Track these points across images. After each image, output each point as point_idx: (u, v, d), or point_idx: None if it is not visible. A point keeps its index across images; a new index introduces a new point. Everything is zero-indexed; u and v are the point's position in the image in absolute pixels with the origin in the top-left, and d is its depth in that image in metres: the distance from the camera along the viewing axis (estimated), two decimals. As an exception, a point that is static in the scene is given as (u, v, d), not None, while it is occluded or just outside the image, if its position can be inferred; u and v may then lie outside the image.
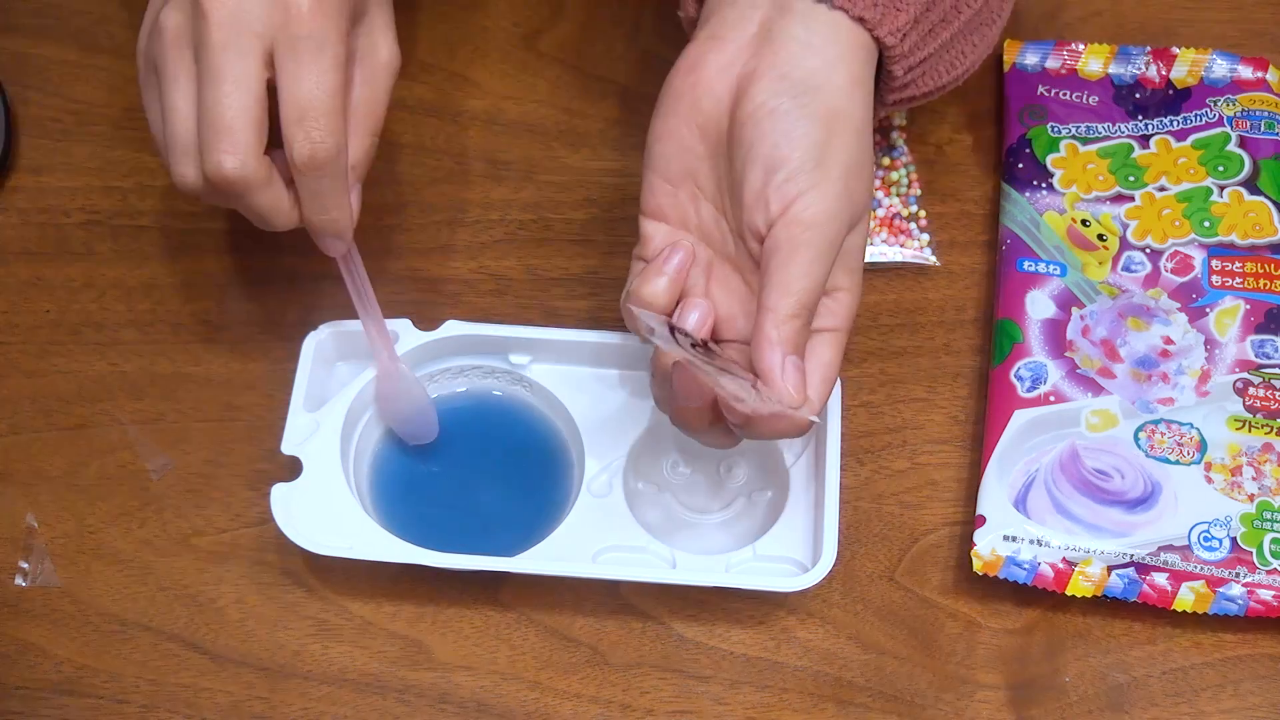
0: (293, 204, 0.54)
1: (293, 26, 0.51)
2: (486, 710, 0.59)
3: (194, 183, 0.53)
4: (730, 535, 0.61)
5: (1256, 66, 0.70)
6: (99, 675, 0.59)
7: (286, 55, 0.51)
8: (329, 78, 0.52)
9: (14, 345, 0.66)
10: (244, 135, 0.51)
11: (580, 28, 0.74)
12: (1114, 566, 0.59)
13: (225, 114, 0.51)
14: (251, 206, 0.53)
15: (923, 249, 0.68)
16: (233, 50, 0.51)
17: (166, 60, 0.52)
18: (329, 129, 0.52)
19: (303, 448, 0.59)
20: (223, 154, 0.51)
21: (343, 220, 0.55)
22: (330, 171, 0.53)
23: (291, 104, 0.52)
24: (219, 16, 0.51)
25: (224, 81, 0.51)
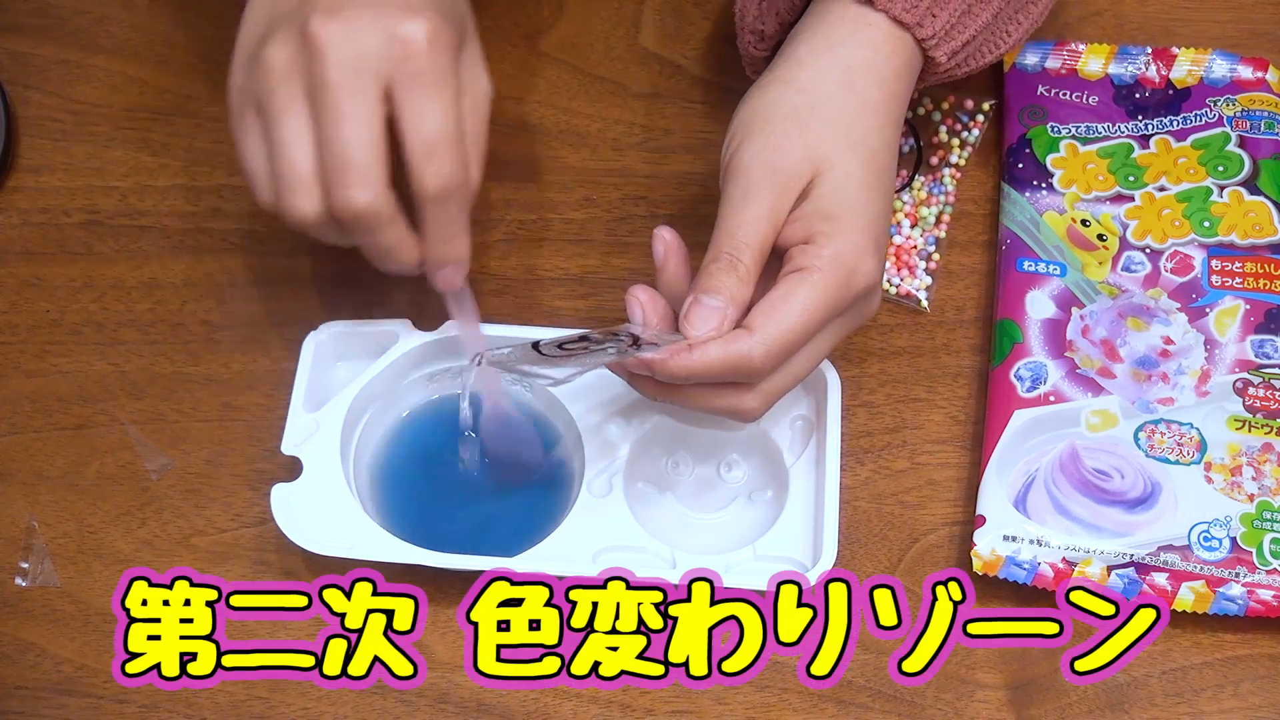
0: (413, 240, 0.54)
1: (411, 63, 0.51)
2: (486, 710, 0.59)
3: (312, 216, 0.52)
4: (730, 535, 0.61)
5: (1256, 66, 0.70)
6: (99, 675, 0.59)
7: (408, 91, 0.51)
8: (451, 111, 0.52)
9: (14, 345, 0.66)
10: (375, 170, 0.51)
11: (580, 28, 0.74)
12: (1114, 566, 0.59)
13: (354, 150, 0.51)
14: (379, 241, 0.54)
15: (919, 290, 0.67)
16: (354, 86, 0.51)
17: (274, 96, 0.52)
18: (456, 161, 0.53)
19: (303, 448, 0.59)
20: (355, 189, 0.51)
21: (465, 251, 0.56)
22: (458, 204, 0.54)
23: (418, 138, 0.52)
24: (337, 55, 0.50)
25: (348, 118, 0.51)
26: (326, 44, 0.50)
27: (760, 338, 0.52)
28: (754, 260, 0.53)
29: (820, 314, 0.53)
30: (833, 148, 0.55)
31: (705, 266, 0.54)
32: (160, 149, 0.70)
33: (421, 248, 0.55)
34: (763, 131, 0.55)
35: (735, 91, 0.71)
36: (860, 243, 0.54)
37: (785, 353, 0.53)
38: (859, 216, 0.54)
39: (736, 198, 0.54)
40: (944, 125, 0.70)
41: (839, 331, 0.56)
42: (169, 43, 0.72)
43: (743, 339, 0.52)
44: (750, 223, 0.54)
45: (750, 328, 0.52)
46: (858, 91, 0.57)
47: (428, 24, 0.51)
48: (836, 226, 0.54)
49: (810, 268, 0.53)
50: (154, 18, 0.73)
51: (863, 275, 0.54)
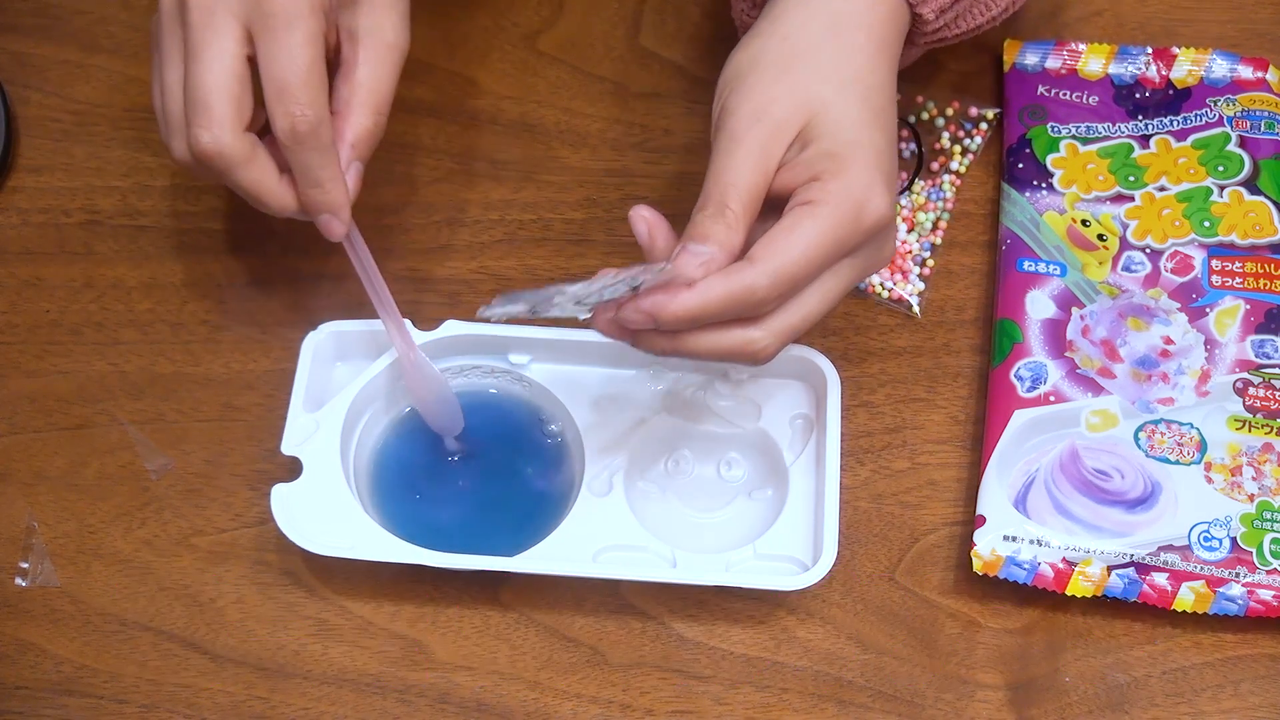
0: (283, 184, 0.55)
1: (264, 4, 0.52)
2: (486, 710, 0.59)
3: (183, 157, 0.55)
4: (730, 534, 0.61)
5: (1256, 66, 0.70)
6: (99, 675, 0.59)
7: (261, 32, 0.53)
8: (302, 52, 0.53)
9: (14, 345, 0.66)
10: (219, 110, 0.52)
11: (580, 28, 0.74)
12: (1114, 566, 0.59)
13: (201, 90, 0.52)
14: (238, 183, 0.55)
15: (911, 295, 0.66)
16: (209, 28, 0.52)
17: (161, 38, 0.54)
18: (307, 102, 0.53)
19: (302, 448, 0.59)
20: (200, 129, 0.53)
21: (336, 197, 0.55)
22: (314, 145, 0.53)
23: (269, 79, 0.53)
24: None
25: (201, 59, 0.52)
26: None
27: (763, 267, 0.50)
28: (742, 207, 0.52)
29: (827, 247, 0.51)
30: (823, 90, 0.54)
31: (693, 217, 0.52)
32: (160, 149, 0.69)
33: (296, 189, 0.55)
34: (748, 81, 0.54)
35: (735, 91, 0.72)
36: (868, 176, 0.52)
37: (791, 283, 0.51)
38: (864, 151, 0.53)
39: (724, 145, 0.53)
40: (946, 132, 0.70)
41: (851, 273, 0.54)
42: (169, 43, 0.72)
43: (744, 269, 0.51)
44: (736, 168, 0.52)
45: (752, 259, 0.51)
46: (844, 36, 0.55)
47: None
48: (841, 163, 0.52)
49: (816, 201, 0.51)
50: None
51: (873, 209, 0.52)
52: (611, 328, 0.52)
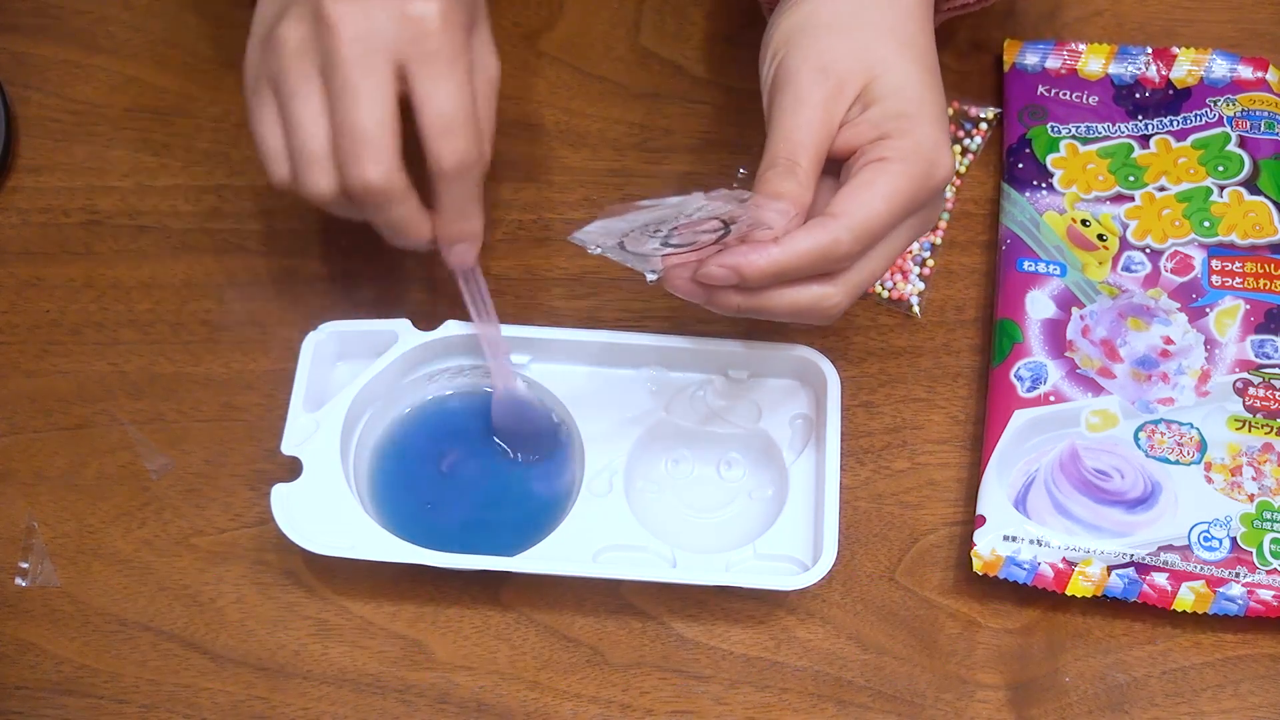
0: (425, 216, 0.55)
1: (425, 41, 0.52)
2: (486, 710, 0.59)
3: (328, 193, 0.53)
4: (730, 534, 0.61)
5: (1256, 66, 0.70)
6: (99, 675, 0.59)
7: (422, 69, 0.52)
8: (465, 88, 0.53)
9: (14, 345, 0.66)
10: (387, 147, 0.52)
11: (580, 28, 0.74)
12: (1114, 566, 0.59)
13: (367, 126, 0.52)
14: (391, 217, 0.54)
15: (911, 295, 0.66)
16: (366, 65, 0.52)
17: (288, 74, 0.53)
18: (471, 137, 0.53)
19: (302, 448, 0.59)
20: (368, 164, 0.52)
21: (479, 228, 0.56)
22: (473, 179, 0.54)
23: (434, 115, 0.53)
24: (349, 32, 0.51)
25: (360, 96, 0.51)
26: (339, 22, 0.51)
27: (847, 221, 0.51)
28: (811, 164, 0.53)
29: (902, 203, 0.52)
30: (884, 50, 0.55)
31: (761, 174, 0.53)
32: (160, 149, 0.70)
33: (434, 224, 0.56)
34: (807, 39, 0.55)
35: (735, 91, 0.72)
36: (937, 135, 0.53)
37: (871, 238, 0.52)
38: (930, 110, 0.54)
39: (788, 104, 0.54)
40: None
41: (912, 231, 0.55)
42: (169, 43, 0.72)
43: (828, 224, 0.51)
44: (805, 126, 0.53)
45: (835, 213, 0.52)
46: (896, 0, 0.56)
47: (440, 3, 0.52)
48: (911, 122, 0.53)
49: (890, 158, 0.52)
50: (154, 18, 0.73)
51: (942, 168, 0.53)
52: (688, 286, 0.53)
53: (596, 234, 0.51)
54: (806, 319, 0.54)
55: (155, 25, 0.73)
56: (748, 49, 0.72)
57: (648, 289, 0.67)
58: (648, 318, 0.66)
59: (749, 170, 0.68)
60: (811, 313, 0.54)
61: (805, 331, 0.64)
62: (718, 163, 0.70)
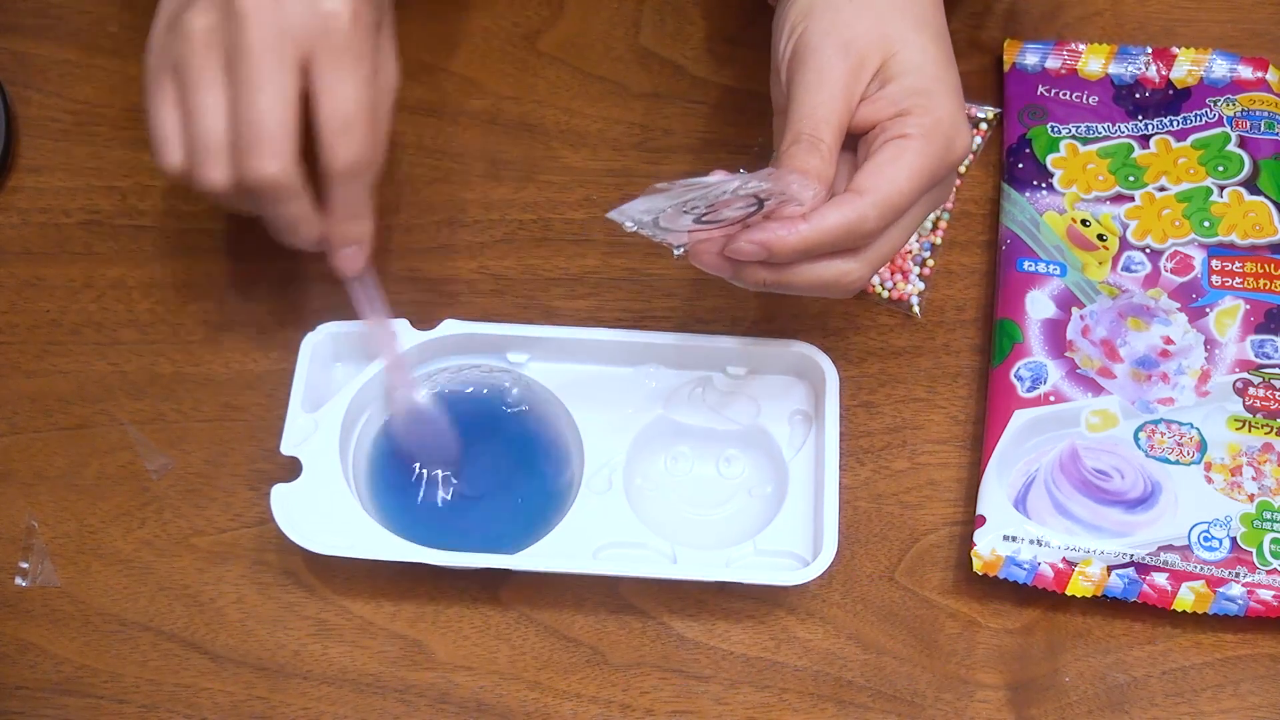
0: (316, 216, 0.56)
1: (332, 37, 0.52)
2: (486, 710, 0.59)
3: (221, 184, 0.53)
4: (731, 530, 0.61)
5: (1256, 66, 0.70)
6: (99, 675, 0.59)
7: (327, 65, 0.52)
8: (366, 89, 0.53)
9: (14, 345, 0.66)
10: (286, 141, 0.52)
11: (580, 28, 0.74)
12: (1114, 566, 0.59)
13: (267, 119, 0.52)
14: (282, 213, 0.55)
15: (911, 295, 0.66)
16: (273, 56, 0.51)
17: (193, 63, 0.52)
18: (368, 139, 0.54)
19: (302, 448, 0.59)
20: (266, 158, 0.52)
21: (367, 231, 0.57)
22: (366, 180, 0.55)
23: (333, 113, 0.53)
24: (259, 20, 0.51)
25: (265, 87, 0.51)
26: (250, 11, 0.51)
27: (873, 198, 0.52)
28: (834, 139, 0.53)
29: (924, 178, 0.53)
30: (903, 27, 0.55)
31: (785, 150, 0.53)
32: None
33: (324, 225, 0.56)
34: (827, 15, 0.55)
35: (735, 91, 0.72)
36: (955, 111, 0.54)
37: (896, 213, 0.53)
38: (947, 86, 0.55)
39: (810, 79, 0.54)
40: None
41: (928, 207, 0.55)
42: (169, 43, 0.72)
43: (855, 200, 0.52)
44: (827, 101, 0.53)
45: (860, 190, 0.52)
46: None
47: (351, 1, 0.52)
48: (930, 99, 0.54)
49: (911, 135, 0.53)
50: (154, 18, 0.73)
51: (960, 144, 0.54)
52: (716, 260, 0.54)
53: (636, 211, 0.51)
54: (828, 293, 0.55)
55: (155, 25, 0.73)
56: (748, 49, 0.73)
57: (648, 289, 0.67)
58: (647, 318, 0.66)
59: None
60: (834, 287, 0.54)
61: (803, 327, 0.64)
62: (717, 163, 0.69)
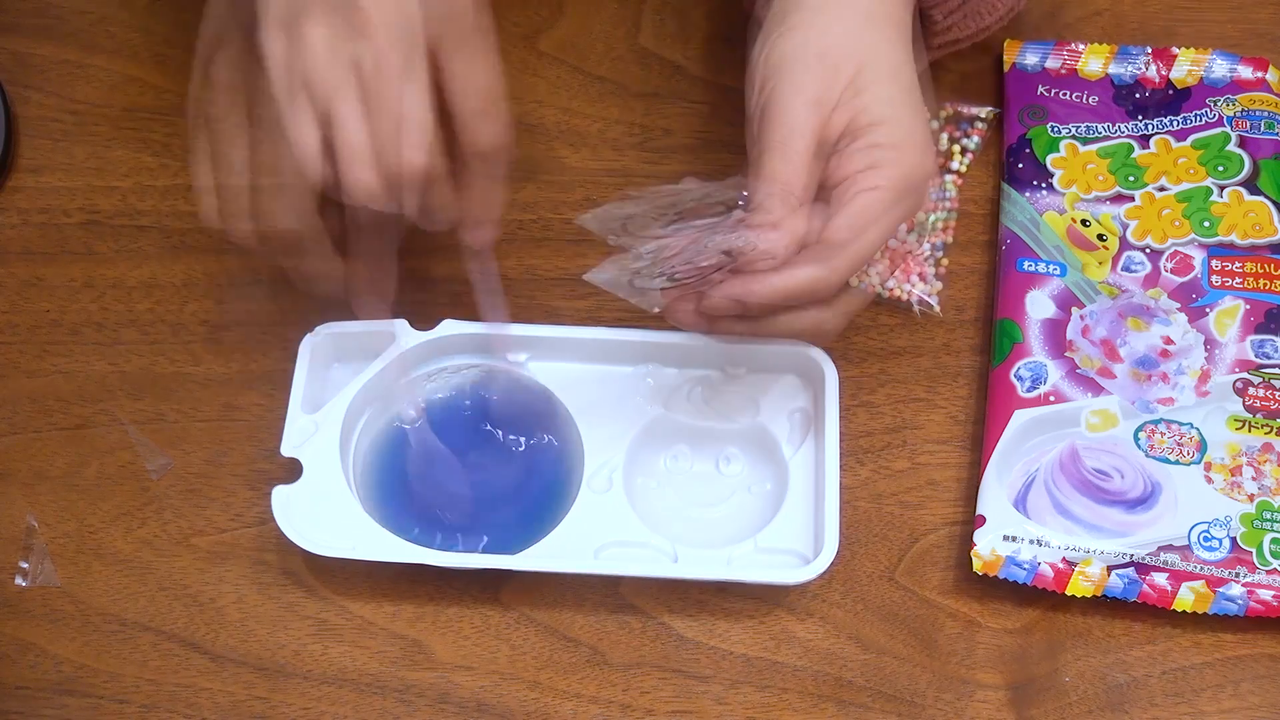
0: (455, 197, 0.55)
1: (458, 21, 0.52)
2: (486, 710, 0.59)
3: (373, 186, 0.52)
4: (731, 528, 0.61)
5: (1256, 66, 0.70)
6: (99, 675, 0.59)
7: (458, 49, 0.52)
8: (497, 69, 0.54)
9: (14, 345, 0.66)
10: (430, 129, 0.52)
11: (580, 28, 0.74)
12: (1114, 566, 0.59)
13: (412, 111, 0.51)
14: (429, 201, 0.54)
15: (929, 295, 0.66)
16: (403, 48, 0.51)
17: (324, 76, 0.51)
18: (506, 117, 0.54)
19: (302, 450, 0.59)
20: (414, 149, 0.51)
21: (501, 206, 0.57)
22: (504, 159, 0.55)
23: (474, 94, 0.53)
24: (384, 18, 0.51)
25: (403, 80, 0.51)
26: (374, 12, 0.51)
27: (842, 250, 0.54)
28: (806, 194, 0.55)
29: (891, 230, 0.56)
30: (870, 83, 0.56)
31: (759, 205, 0.54)
32: (160, 149, 0.70)
33: (462, 204, 0.56)
34: (797, 70, 0.56)
35: (736, 91, 0.71)
36: (925, 166, 0.56)
37: (864, 264, 0.56)
38: (916, 141, 0.56)
39: (781, 135, 0.55)
40: (945, 133, 0.70)
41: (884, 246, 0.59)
42: (169, 43, 0.72)
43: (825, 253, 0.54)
44: (798, 157, 0.55)
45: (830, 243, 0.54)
46: (879, 29, 0.58)
47: None
48: (899, 152, 0.55)
49: (882, 187, 0.55)
50: (154, 18, 0.73)
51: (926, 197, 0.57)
52: (692, 318, 0.56)
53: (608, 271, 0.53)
54: (804, 340, 0.57)
55: (155, 25, 0.73)
56: (747, 49, 0.73)
57: (648, 289, 0.67)
58: (648, 317, 0.66)
59: None
60: (809, 335, 0.57)
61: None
62: (717, 162, 0.70)
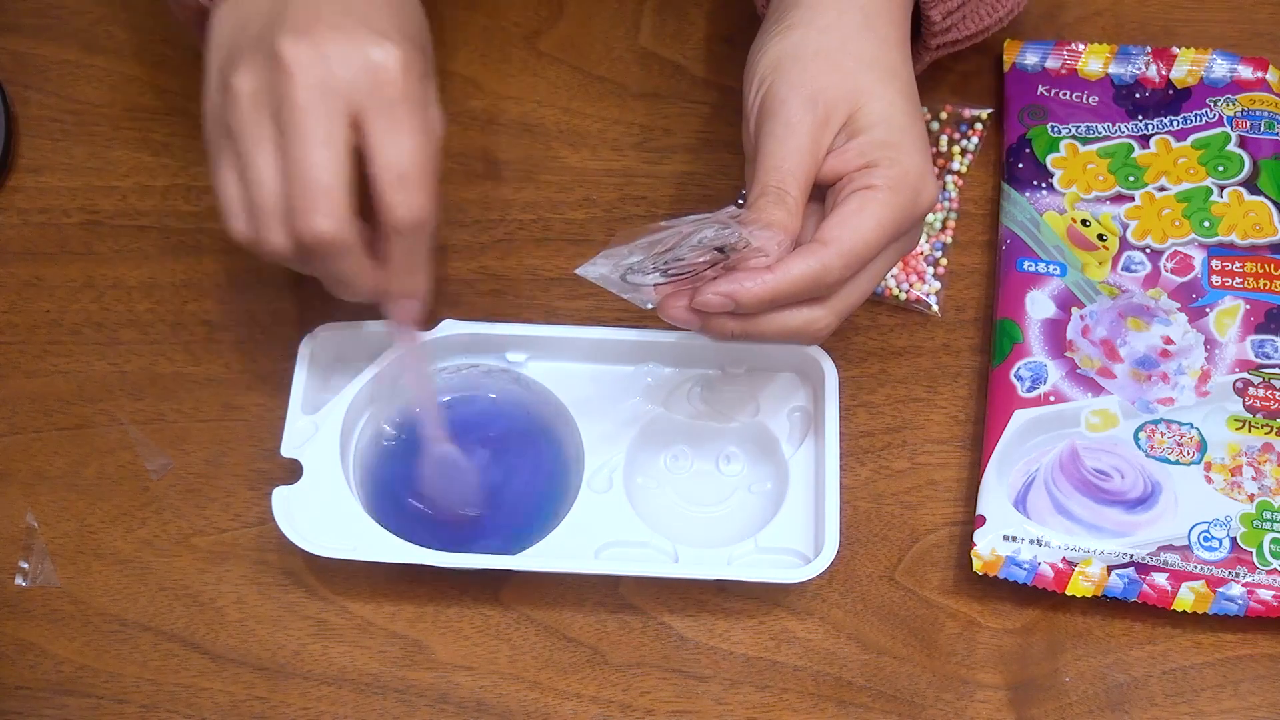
0: (373, 268, 0.53)
1: (385, 89, 0.50)
2: (486, 710, 0.59)
3: (283, 247, 0.51)
4: (732, 527, 0.61)
5: (1256, 66, 0.70)
6: (99, 675, 0.59)
7: (380, 118, 0.50)
8: (423, 141, 0.51)
9: (14, 345, 0.66)
10: (338, 197, 0.50)
11: (580, 28, 0.74)
12: (1114, 566, 0.59)
13: (319, 175, 0.50)
14: (338, 270, 0.52)
15: (929, 295, 0.66)
16: (321, 112, 0.50)
17: (245, 124, 0.50)
18: (427, 192, 0.51)
19: (302, 450, 0.59)
20: (319, 216, 0.50)
21: (425, 284, 0.55)
22: (425, 233, 0.52)
23: (390, 167, 0.51)
24: (305, 78, 0.49)
25: (314, 143, 0.49)
26: (295, 65, 0.49)
27: (837, 248, 0.52)
28: (800, 191, 0.54)
29: (889, 229, 0.54)
30: (869, 81, 0.55)
31: (752, 202, 0.54)
32: (160, 149, 0.70)
33: (380, 278, 0.53)
34: (795, 68, 0.56)
35: (736, 91, 0.71)
36: (922, 164, 0.55)
37: (860, 263, 0.53)
38: (914, 141, 0.55)
39: (778, 132, 0.54)
40: (944, 135, 0.70)
41: (895, 255, 0.56)
42: (169, 43, 0.72)
43: (819, 250, 0.52)
44: (794, 154, 0.54)
45: (825, 240, 0.53)
46: (878, 30, 0.57)
47: (400, 51, 0.51)
48: (897, 151, 0.54)
49: (878, 186, 0.53)
50: (154, 18, 0.73)
51: (927, 195, 0.55)
52: (684, 314, 0.54)
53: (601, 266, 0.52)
54: (797, 340, 0.55)
55: (155, 25, 0.73)
56: (747, 49, 0.73)
57: (648, 289, 0.67)
58: (647, 317, 0.66)
59: None
60: (801, 335, 0.55)
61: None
62: (717, 162, 0.70)
